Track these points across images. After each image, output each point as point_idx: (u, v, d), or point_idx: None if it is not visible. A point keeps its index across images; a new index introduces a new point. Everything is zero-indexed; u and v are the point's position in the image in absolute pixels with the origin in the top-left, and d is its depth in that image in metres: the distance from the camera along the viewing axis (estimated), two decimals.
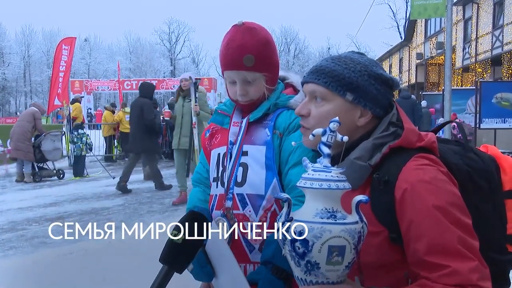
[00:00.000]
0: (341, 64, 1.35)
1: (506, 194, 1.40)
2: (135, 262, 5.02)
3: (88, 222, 6.85)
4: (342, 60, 1.37)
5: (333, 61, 1.37)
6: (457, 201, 1.19)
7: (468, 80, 25.34)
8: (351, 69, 1.34)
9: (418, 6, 11.25)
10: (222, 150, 1.73)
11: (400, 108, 1.41)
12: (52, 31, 54.48)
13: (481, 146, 1.54)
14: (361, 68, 1.35)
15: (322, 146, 1.13)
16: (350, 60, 1.36)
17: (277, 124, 1.66)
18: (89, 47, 56.42)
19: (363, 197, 1.09)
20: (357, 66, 1.35)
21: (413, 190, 1.19)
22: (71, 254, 5.38)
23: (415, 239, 1.17)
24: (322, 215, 1.07)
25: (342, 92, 1.33)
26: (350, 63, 1.35)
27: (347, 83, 1.33)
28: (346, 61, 1.36)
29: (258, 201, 1.61)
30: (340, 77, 1.33)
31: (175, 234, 1.24)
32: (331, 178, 1.08)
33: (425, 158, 1.26)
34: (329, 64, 1.36)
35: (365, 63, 1.36)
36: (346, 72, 1.33)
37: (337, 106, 1.34)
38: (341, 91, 1.33)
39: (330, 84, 1.33)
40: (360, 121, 1.35)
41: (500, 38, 21.69)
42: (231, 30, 1.64)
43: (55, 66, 15.71)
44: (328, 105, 1.35)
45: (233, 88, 1.67)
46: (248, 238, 1.62)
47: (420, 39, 32.01)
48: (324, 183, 1.07)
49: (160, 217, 7.27)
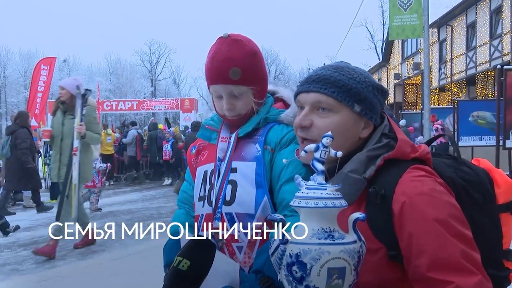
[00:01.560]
0: (345, 74, 1.31)
1: (500, 208, 1.37)
2: (114, 286, 4.86)
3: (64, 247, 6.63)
4: (345, 69, 1.33)
5: (336, 71, 1.32)
6: (457, 213, 1.16)
7: (444, 99, 25.85)
8: (356, 79, 1.31)
9: (396, 27, 11.50)
10: (210, 167, 1.64)
11: (391, 119, 1.38)
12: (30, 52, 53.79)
13: (472, 160, 1.51)
14: (365, 79, 1.32)
15: (315, 163, 1.08)
16: (352, 70, 1.33)
17: (268, 139, 1.59)
18: (68, 68, 55.87)
19: (360, 215, 1.04)
20: (360, 77, 1.32)
21: (412, 203, 1.15)
22: (46, 281, 5.15)
23: (416, 255, 1.12)
24: (319, 235, 1.01)
25: (351, 103, 1.29)
26: (354, 74, 1.32)
27: (355, 94, 1.29)
28: (349, 71, 1.32)
29: (248, 221, 1.52)
30: (348, 88, 1.29)
31: (180, 261, 1.19)
32: (326, 196, 1.02)
33: (420, 169, 1.22)
34: (333, 74, 1.31)
35: (365, 74, 1.34)
36: (353, 83, 1.30)
37: (344, 117, 1.29)
38: (350, 102, 1.29)
39: (339, 95, 1.29)
40: (363, 132, 1.32)
41: (473, 59, 22.25)
42: (216, 43, 1.57)
43: (32, 86, 15.47)
44: (335, 116, 1.30)
45: (219, 103, 1.59)
46: (238, 260, 1.52)
47: (397, 60, 32.63)
48: (319, 202, 1.02)
49: (141, 240, 7.08)
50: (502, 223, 1.36)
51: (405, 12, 11.38)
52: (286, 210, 1.47)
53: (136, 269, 5.34)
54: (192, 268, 1.24)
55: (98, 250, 6.48)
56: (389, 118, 1.38)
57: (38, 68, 15.59)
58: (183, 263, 1.24)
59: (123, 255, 6.10)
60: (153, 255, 5.68)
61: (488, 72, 20.77)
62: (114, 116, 44.19)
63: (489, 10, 20.67)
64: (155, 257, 5.54)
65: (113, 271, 5.35)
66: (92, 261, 5.88)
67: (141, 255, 5.97)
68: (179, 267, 1.23)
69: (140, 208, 10.17)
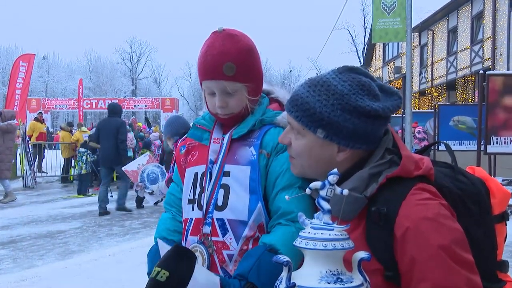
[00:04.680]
0: (315, 94, 1.25)
1: (495, 218, 1.34)
2: (92, 287, 4.76)
3: (43, 246, 6.48)
4: (318, 89, 1.25)
5: (309, 89, 1.27)
6: (460, 238, 1.13)
7: (424, 103, 26.19)
8: (323, 102, 1.23)
9: (379, 30, 11.56)
10: (200, 169, 1.56)
11: (395, 133, 1.33)
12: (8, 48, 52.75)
13: (467, 168, 1.47)
14: (335, 101, 1.23)
15: (321, 201, 1.03)
16: (326, 89, 1.24)
17: (264, 143, 1.50)
18: (48, 65, 55.04)
19: (365, 254, 1.01)
20: (330, 99, 1.23)
21: (416, 228, 1.11)
22: (24, 281, 5.01)
23: (417, 281, 1.10)
24: (328, 279, 0.97)
25: (313, 129, 1.25)
26: (324, 94, 1.24)
27: (318, 119, 1.23)
28: (321, 91, 1.25)
29: (240, 228, 1.44)
30: (311, 112, 1.24)
31: (158, 272, 1.15)
32: (335, 237, 0.98)
33: (425, 190, 1.18)
34: (304, 93, 1.27)
35: (342, 93, 1.23)
36: (318, 106, 1.23)
37: (310, 141, 1.27)
38: (312, 128, 1.25)
39: (301, 120, 1.26)
40: (339, 156, 1.26)
41: (454, 64, 22.59)
42: (210, 37, 1.49)
43: (11, 83, 15.16)
44: (303, 139, 1.28)
45: (212, 100, 1.51)
46: (228, 269, 1.45)
47: (378, 64, 32.95)
48: (328, 244, 0.97)
49: (120, 240, 6.98)
50: (497, 233, 1.34)
51: (388, 16, 11.43)
52: (282, 219, 1.42)
53: (115, 270, 5.25)
54: (171, 279, 1.18)
55: (77, 251, 6.36)
56: (393, 132, 1.32)
57: (16, 65, 15.29)
58: (161, 273, 1.18)
59: (102, 255, 5.99)
60: (133, 256, 5.62)
61: (468, 77, 21.12)
62: (94, 115, 43.63)
63: (471, 15, 21.01)
64: (134, 258, 5.47)
65: (91, 272, 5.24)
66: (71, 262, 5.76)
67: (120, 256, 5.87)
68: (158, 278, 1.18)
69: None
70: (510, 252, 5.72)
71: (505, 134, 7.68)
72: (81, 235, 7.39)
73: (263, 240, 1.41)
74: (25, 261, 5.78)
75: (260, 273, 1.32)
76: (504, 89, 7.63)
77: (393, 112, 1.29)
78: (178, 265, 1.21)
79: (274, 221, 1.44)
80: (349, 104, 1.22)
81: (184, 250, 1.26)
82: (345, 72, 1.29)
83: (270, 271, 1.27)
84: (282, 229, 1.40)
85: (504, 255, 1.40)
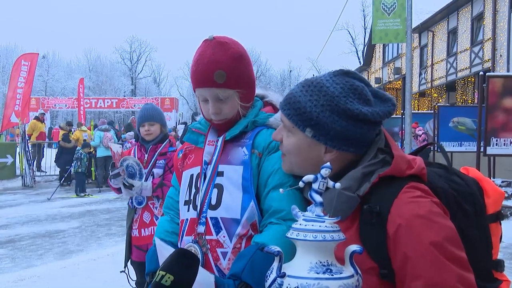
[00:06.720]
0: (307, 94, 1.27)
1: (489, 218, 1.35)
2: (91, 286, 4.75)
3: (41, 246, 6.47)
4: (310, 89, 1.28)
5: (303, 89, 1.30)
6: (452, 235, 1.14)
7: (424, 104, 26.19)
8: (314, 102, 1.25)
9: (379, 31, 11.56)
10: (196, 171, 1.60)
11: (387, 133, 1.34)
12: (8, 47, 52.71)
13: (461, 168, 1.49)
14: (325, 102, 1.24)
15: (313, 194, 1.06)
16: (318, 90, 1.26)
17: (256, 143, 1.55)
18: (47, 64, 54.95)
19: (357, 247, 1.03)
20: (321, 99, 1.25)
21: (408, 225, 1.13)
22: (22, 280, 5.01)
23: (411, 278, 1.11)
24: (317, 269, 1.00)
25: (302, 128, 1.27)
26: (316, 95, 1.26)
27: (307, 119, 1.26)
28: (314, 91, 1.27)
29: (233, 226, 1.48)
30: (302, 111, 1.26)
31: (162, 276, 1.15)
32: (325, 229, 1.01)
33: (417, 188, 1.20)
34: (297, 93, 1.30)
35: (333, 95, 1.24)
36: (308, 106, 1.26)
37: (299, 140, 1.29)
38: (301, 126, 1.27)
39: (292, 118, 1.29)
40: (326, 156, 1.27)
41: (454, 65, 22.58)
42: (201, 45, 1.53)
43: (12, 82, 15.03)
44: (293, 137, 1.31)
45: (206, 107, 1.56)
46: (222, 267, 1.48)
47: (378, 64, 32.95)
48: (318, 235, 1.00)
49: (119, 240, 6.97)
50: (491, 233, 1.35)
51: (389, 17, 11.44)
52: (273, 218, 1.45)
53: (113, 269, 5.24)
54: (175, 283, 1.20)
55: (76, 250, 6.36)
56: (385, 132, 1.34)
57: (18, 64, 15.12)
58: (166, 277, 1.20)
59: (100, 255, 5.99)
60: None
61: (468, 78, 21.11)
62: (93, 114, 43.62)
63: (471, 16, 21.00)
64: None
65: (90, 271, 5.24)
66: (69, 261, 5.76)
67: (119, 255, 5.86)
68: (162, 282, 1.19)
69: (119, 207, 10.00)
70: (508, 254, 5.72)
71: (504, 135, 7.69)
72: (80, 234, 7.40)
73: (255, 239, 1.44)
74: (24, 261, 5.78)
75: (254, 272, 1.34)
76: (504, 90, 7.65)
77: (383, 118, 1.29)
78: (182, 269, 1.23)
79: (266, 220, 1.47)
80: (338, 106, 1.24)
81: (188, 253, 1.28)
82: (340, 75, 1.31)
83: (263, 270, 1.28)
84: (273, 228, 1.43)
85: (503, 257, 1.40)
